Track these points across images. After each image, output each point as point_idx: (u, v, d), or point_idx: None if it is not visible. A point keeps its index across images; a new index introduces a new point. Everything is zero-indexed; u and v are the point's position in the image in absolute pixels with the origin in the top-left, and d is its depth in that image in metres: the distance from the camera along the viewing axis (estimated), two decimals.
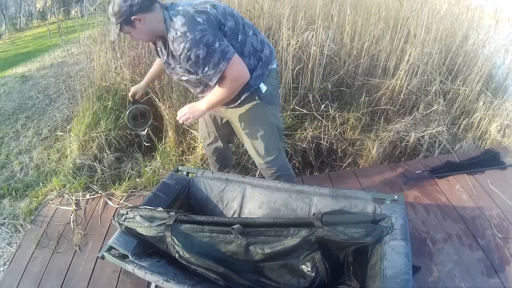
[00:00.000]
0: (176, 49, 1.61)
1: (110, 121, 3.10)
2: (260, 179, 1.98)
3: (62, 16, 7.57)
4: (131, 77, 3.13)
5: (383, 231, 1.49)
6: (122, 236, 1.73)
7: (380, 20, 3.40)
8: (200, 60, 1.60)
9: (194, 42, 1.56)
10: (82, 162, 3.05)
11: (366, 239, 1.48)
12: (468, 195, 2.56)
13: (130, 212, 1.73)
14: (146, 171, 2.92)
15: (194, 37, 1.56)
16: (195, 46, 1.57)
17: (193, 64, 1.62)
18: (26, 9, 12.35)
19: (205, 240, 1.63)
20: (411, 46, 3.21)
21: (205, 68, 1.63)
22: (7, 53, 9.31)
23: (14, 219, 2.76)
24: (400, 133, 3.01)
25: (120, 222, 1.72)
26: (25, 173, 3.45)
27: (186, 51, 1.58)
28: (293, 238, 1.54)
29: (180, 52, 1.60)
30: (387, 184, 2.69)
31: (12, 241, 2.61)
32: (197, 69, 1.64)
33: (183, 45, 1.57)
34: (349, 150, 3.02)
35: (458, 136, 3.21)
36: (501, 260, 2.07)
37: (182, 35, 1.57)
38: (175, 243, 1.65)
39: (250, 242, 1.59)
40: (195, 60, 1.60)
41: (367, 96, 3.15)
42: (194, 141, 3.05)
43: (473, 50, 3.73)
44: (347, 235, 1.49)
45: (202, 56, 1.59)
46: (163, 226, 1.65)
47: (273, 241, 1.57)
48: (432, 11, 3.60)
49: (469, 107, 3.42)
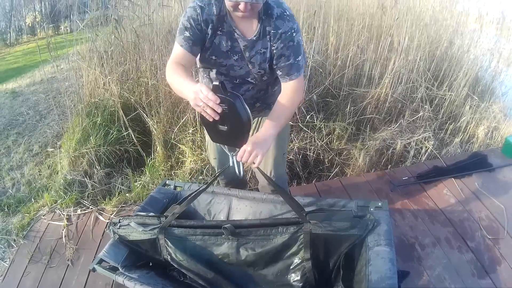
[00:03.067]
0: (278, 26, 1.52)
1: (99, 137, 3.10)
2: (246, 191, 2.00)
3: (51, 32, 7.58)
4: (119, 93, 3.15)
5: (368, 224, 1.51)
6: (112, 249, 1.75)
7: (364, 30, 3.45)
8: (298, 47, 1.56)
9: (298, 28, 1.55)
10: (72, 178, 3.06)
11: (351, 231, 1.50)
12: (456, 198, 2.57)
13: (123, 220, 1.75)
14: (136, 186, 2.94)
15: (298, 24, 1.55)
16: (299, 32, 1.55)
17: (291, 47, 1.54)
18: (16, 24, 12.34)
19: (197, 243, 1.67)
20: (395, 55, 3.25)
21: (298, 57, 1.57)
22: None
23: (7, 235, 2.76)
24: (386, 141, 3.04)
25: (114, 231, 1.74)
26: (17, 189, 3.45)
27: (292, 31, 1.52)
28: (282, 236, 1.58)
29: (284, 30, 1.52)
30: (374, 192, 2.70)
31: (5, 256, 2.60)
32: (291, 53, 1.56)
33: (290, 24, 1.52)
34: (336, 160, 3.04)
35: (445, 141, 3.23)
36: (492, 260, 2.09)
37: (291, 16, 1.53)
38: (168, 245, 1.69)
39: (240, 243, 1.63)
40: (296, 44, 1.55)
41: (352, 105, 3.19)
42: (182, 155, 3.08)
43: (458, 55, 3.79)
44: (333, 227, 1.51)
45: (301, 44, 1.57)
46: (156, 229, 1.68)
47: (263, 240, 1.61)
48: (416, 19, 3.65)
49: (456, 111, 3.46)
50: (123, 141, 3.19)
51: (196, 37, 1.55)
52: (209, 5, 1.53)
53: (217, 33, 1.57)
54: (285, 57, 1.56)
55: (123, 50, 3.33)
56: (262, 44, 1.57)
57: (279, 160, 2.01)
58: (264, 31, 1.54)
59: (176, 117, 3.08)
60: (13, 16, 12.11)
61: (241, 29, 1.56)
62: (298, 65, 1.58)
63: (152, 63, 3.10)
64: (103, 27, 3.43)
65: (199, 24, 1.53)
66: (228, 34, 1.57)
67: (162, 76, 3.07)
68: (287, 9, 1.54)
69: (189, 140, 3.01)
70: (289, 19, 1.52)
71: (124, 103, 3.22)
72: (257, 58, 1.59)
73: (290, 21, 1.52)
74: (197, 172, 2.94)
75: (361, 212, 1.60)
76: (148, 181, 2.95)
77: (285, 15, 1.52)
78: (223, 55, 1.61)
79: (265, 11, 1.52)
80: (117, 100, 3.05)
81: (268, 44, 1.56)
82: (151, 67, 3.09)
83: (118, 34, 3.08)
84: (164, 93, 3.06)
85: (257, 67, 1.62)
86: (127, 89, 3.26)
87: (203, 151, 2.99)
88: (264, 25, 1.53)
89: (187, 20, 1.53)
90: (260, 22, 1.53)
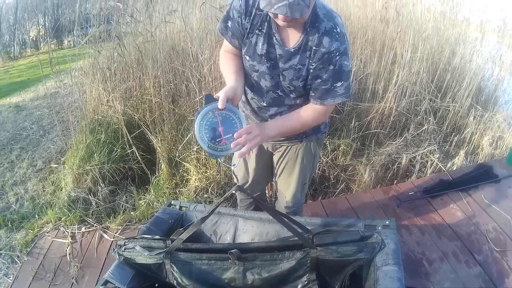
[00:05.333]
0: (323, 43, 1.33)
1: (103, 154, 3.10)
2: (252, 211, 1.98)
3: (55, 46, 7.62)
4: (122, 111, 3.15)
5: (375, 247, 1.49)
6: (118, 270, 1.74)
7: (367, 44, 3.45)
8: (341, 72, 1.37)
9: (346, 50, 1.36)
10: (77, 195, 3.06)
11: (358, 255, 1.48)
12: (463, 212, 2.58)
13: (128, 243, 1.74)
14: (141, 204, 2.93)
15: (347, 46, 1.36)
16: (346, 55, 1.36)
17: (330, 71, 1.37)
18: (20, 38, 12.41)
19: (203, 268, 1.65)
20: (398, 68, 3.25)
21: (338, 83, 1.38)
22: (1, 81, 9.35)
23: (11, 250, 2.76)
24: (391, 155, 3.04)
25: (119, 253, 1.73)
26: (20, 205, 3.44)
27: (336, 53, 1.33)
28: (289, 261, 1.56)
29: (327, 49, 1.33)
30: (380, 208, 2.70)
31: (8, 272, 2.60)
32: (329, 78, 1.38)
33: (337, 44, 1.33)
34: (341, 176, 3.03)
35: (450, 153, 3.23)
36: (500, 273, 2.09)
37: (342, 34, 1.34)
38: (173, 270, 1.67)
39: (247, 268, 1.61)
40: (337, 68, 1.36)
41: (357, 120, 3.19)
42: (187, 173, 3.06)
43: (460, 65, 3.79)
44: (340, 253, 1.49)
45: (346, 70, 1.38)
46: (162, 254, 1.66)
47: (270, 265, 1.59)
48: (418, 31, 3.65)
49: (460, 122, 3.47)
50: (127, 159, 3.19)
51: (236, 30, 1.45)
52: None
53: (255, 31, 1.42)
54: (322, 81, 1.40)
55: (126, 66, 3.33)
56: (299, 59, 1.39)
57: (299, 188, 1.93)
58: (306, 45, 1.37)
59: (181, 134, 3.08)
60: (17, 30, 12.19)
61: (282, 35, 1.40)
62: (335, 91, 1.40)
63: (156, 80, 3.10)
64: (106, 43, 3.44)
65: (240, 17, 1.41)
66: (267, 37, 1.41)
67: (166, 93, 3.08)
68: (339, 25, 1.35)
69: (194, 158, 2.99)
70: (338, 38, 1.33)
71: (128, 120, 3.21)
72: (290, 73, 1.43)
73: (338, 41, 1.33)
74: (202, 190, 2.93)
75: (369, 232, 1.57)
76: (153, 199, 2.94)
77: (335, 32, 1.33)
78: (256, 58, 1.45)
79: (312, 22, 1.34)
80: (121, 117, 3.05)
81: (307, 61, 1.39)
82: (154, 84, 3.09)
83: (121, 51, 3.08)
84: (168, 111, 3.07)
85: (287, 82, 1.46)
86: (130, 106, 3.26)
87: (208, 169, 2.98)
88: (307, 38, 1.36)
89: (231, 10, 1.43)
90: (304, 34, 1.36)
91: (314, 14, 1.34)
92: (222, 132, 1.29)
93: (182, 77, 3.13)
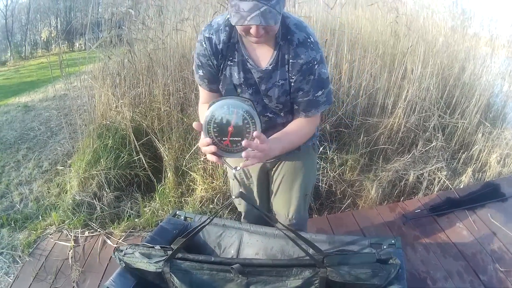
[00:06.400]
0: (299, 55, 1.31)
1: (110, 160, 3.11)
2: (257, 225, 1.97)
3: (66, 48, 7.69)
4: (131, 117, 3.16)
5: (391, 272, 1.42)
6: (119, 278, 1.73)
7: (378, 58, 3.44)
8: (320, 80, 1.36)
9: (322, 57, 1.34)
10: (81, 198, 3.06)
11: (372, 280, 1.42)
12: (469, 231, 2.56)
13: (129, 248, 1.72)
14: (145, 212, 2.93)
15: (322, 54, 1.35)
16: (323, 63, 1.35)
17: (311, 81, 1.35)
18: (31, 38, 12.55)
19: (204, 278, 1.61)
20: (409, 83, 3.24)
21: (319, 91, 1.37)
22: (11, 80, 9.45)
23: (12, 250, 2.77)
24: (399, 172, 3.02)
25: (120, 258, 1.72)
26: (24, 205, 3.45)
27: (314, 62, 1.32)
28: (296, 279, 1.51)
29: (305, 60, 1.31)
30: (386, 225, 2.68)
31: (9, 271, 2.60)
32: (310, 88, 1.36)
33: (313, 54, 1.31)
34: (348, 191, 3.01)
35: (458, 170, 3.21)
36: None
37: (315, 43, 1.32)
38: (173, 280, 1.63)
39: (251, 282, 1.56)
40: (317, 77, 1.34)
41: (365, 136, 3.17)
42: (193, 183, 3.05)
43: (470, 81, 3.78)
44: (353, 275, 1.43)
45: (324, 77, 1.37)
46: (161, 262, 1.62)
47: (275, 281, 1.54)
48: (429, 45, 3.65)
49: (468, 139, 3.45)
50: (133, 165, 3.19)
51: (210, 74, 1.42)
52: (217, 32, 1.35)
53: (227, 64, 1.39)
54: (304, 92, 1.37)
55: (136, 73, 3.34)
56: (280, 75, 1.36)
57: (301, 202, 1.85)
58: (283, 60, 1.34)
59: (188, 144, 3.08)
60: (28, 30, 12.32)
61: (254, 58, 1.37)
62: (317, 101, 1.38)
63: (165, 88, 3.10)
64: (116, 49, 3.46)
65: (209, 60, 1.38)
66: (240, 65, 1.38)
67: (175, 101, 3.09)
68: (312, 35, 1.33)
69: (201, 168, 2.98)
70: (313, 47, 1.31)
71: (136, 127, 3.22)
72: (275, 92, 1.40)
73: (314, 50, 1.31)
74: (208, 200, 2.92)
75: (384, 256, 1.51)
76: (158, 208, 2.94)
77: (309, 42, 1.31)
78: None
79: (284, 35, 1.32)
80: (129, 124, 3.06)
81: (287, 74, 1.36)
82: (164, 91, 3.10)
83: (132, 58, 3.10)
84: (176, 119, 3.07)
85: (274, 101, 1.42)
86: (139, 113, 3.27)
87: (214, 179, 2.97)
88: (282, 52, 1.33)
89: (197, 57, 1.41)
90: (277, 49, 1.33)
91: (284, 26, 1.32)
92: (230, 132, 1.17)
93: (192, 86, 3.13)
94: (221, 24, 1.36)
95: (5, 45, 12.95)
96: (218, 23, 1.37)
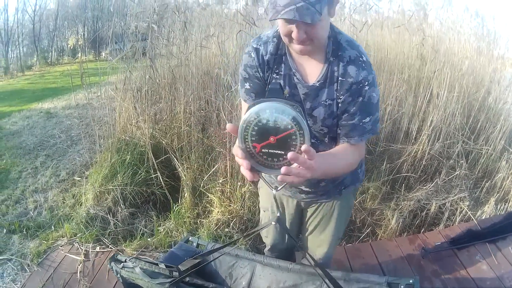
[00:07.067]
0: (349, 73, 1.22)
1: (127, 175, 3.08)
2: (271, 258, 1.91)
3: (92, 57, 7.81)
4: (151, 134, 3.14)
5: None
6: None
7: (403, 82, 3.36)
8: (369, 105, 1.24)
9: (374, 80, 1.24)
10: (96, 212, 3.03)
11: None
12: (489, 265, 2.47)
13: (129, 261, 1.64)
14: (159, 231, 2.88)
15: (375, 76, 1.25)
16: (374, 86, 1.24)
17: (359, 104, 1.23)
18: (58, 44, 12.86)
19: None
20: (434, 108, 3.15)
21: (366, 117, 1.25)
22: (36, 85, 9.66)
23: (22, 258, 2.75)
24: (421, 201, 2.92)
25: (116, 270, 1.64)
26: (38, 213, 3.45)
27: (364, 83, 1.21)
28: None
29: (355, 79, 1.21)
30: (405, 258, 2.59)
31: (16, 278, 2.58)
32: (357, 111, 1.24)
33: (365, 74, 1.21)
34: (368, 220, 2.93)
35: (481, 199, 3.10)
36: None
37: (368, 63, 1.23)
38: None
39: None
40: (366, 100, 1.23)
41: (388, 163, 3.09)
42: (210, 204, 3.00)
43: (495, 106, 3.68)
44: None
45: (374, 101, 1.25)
46: (166, 285, 1.54)
47: None
48: (454, 69, 3.55)
49: (492, 167, 3.34)
50: (150, 183, 3.16)
51: (257, 87, 1.34)
52: (265, 44, 1.31)
53: (273, 76, 1.31)
54: (349, 115, 1.26)
55: (158, 88, 3.33)
56: (327, 94, 1.27)
57: (333, 245, 1.76)
58: (332, 77, 1.25)
59: (207, 164, 3.03)
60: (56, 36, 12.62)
61: (302, 72, 1.29)
62: (363, 128, 1.25)
63: (187, 106, 3.07)
64: (139, 62, 3.44)
65: (257, 71, 1.32)
66: (287, 78, 1.30)
67: (196, 120, 3.06)
68: (364, 54, 1.25)
69: (218, 190, 2.93)
70: (365, 67, 1.22)
71: (155, 144, 3.20)
72: (320, 112, 1.29)
73: (365, 70, 1.21)
74: (224, 224, 2.85)
75: None
76: (172, 228, 2.89)
77: (361, 60, 1.22)
78: None
79: (335, 52, 1.24)
80: (148, 141, 3.03)
81: (335, 94, 1.26)
82: (185, 109, 3.07)
83: (153, 75, 3.08)
84: (197, 139, 3.04)
85: (319, 123, 1.31)
86: (159, 130, 3.24)
87: (232, 202, 2.91)
88: (332, 69, 1.24)
89: (244, 70, 1.34)
90: (327, 65, 1.25)
91: (335, 42, 1.25)
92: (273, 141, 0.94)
93: (214, 106, 3.10)
94: (270, 37, 1.32)
95: (32, 50, 13.30)
96: (267, 36, 1.33)
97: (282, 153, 0.95)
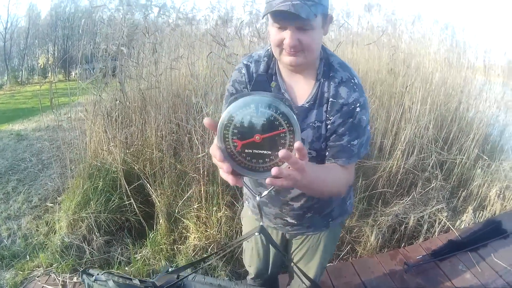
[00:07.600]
0: (341, 94, 1.21)
1: (100, 202, 3.01)
2: (254, 286, 1.89)
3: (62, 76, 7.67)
4: (122, 159, 3.08)
5: None
6: None
7: (376, 98, 3.40)
8: (359, 127, 1.23)
9: (366, 103, 1.24)
10: (70, 241, 2.95)
11: None
12: (472, 273, 2.51)
13: (101, 275, 1.54)
14: (136, 260, 2.82)
15: (366, 99, 1.25)
16: (365, 109, 1.23)
17: (349, 125, 1.22)
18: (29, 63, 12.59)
19: None
20: (407, 123, 3.20)
21: (355, 140, 1.23)
22: (6, 105, 9.43)
23: None
24: (399, 216, 2.95)
25: (89, 284, 1.55)
26: (12, 241, 3.34)
27: (356, 104, 1.20)
28: None
29: (345, 100, 1.21)
30: (388, 275, 2.59)
31: None
32: (345, 132, 1.23)
33: (356, 95, 1.20)
34: (347, 238, 2.93)
35: (458, 209, 3.16)
36: None
37: (359, 86, 1.23)
38: None
39: None
40: (356, 122, 1.22)
41: (363, 179, 3.11)
42: (186, 230, 2.96)
43: (467, 116, 3.76)
44: None
45: (363, 124, 1.24)
46: None
47: None
48: (425, 82, 3.62)
49: (467, 175, 3.41)
50: (124, 210, 3.09)
51: None
52: (257, 62, 1.31)
53: None
54: (337, 135, 1.24)
55: (129, 111, 3.28)
56: (316, 115, 1.25)
57: (319, 273, 1.73)
58: (322, 98, 1.24)
59: (181, 190, 2.98)
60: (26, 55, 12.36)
61: (292, 93, 1.28)
62: (351, 150, 1.23)
63: (158, 130, 3.04)
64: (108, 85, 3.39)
65: (245, 87, 1.32)
66: None
67: (167, 145, 3.02)
68: (356, 76, 1.25)
69: (194, 215, 2.89)
70: (356, 89, 1.21)
71: (127, 170, 3.14)
72: (309, 134, 1.26)
73: (357, 92, 1.21)
74: (202, 249, 2.81)
75: None
76: (149, 256, 2.83)
77: (352, 82, 1.22)
78: None
79: (326, 73, 1.24)
80: (120, 167, 2.98)
81: (324, 115, 1.25)
82: (156, 133, 3.03)
83: (123, 98, 3.03)
84: (169, 164, 2.99)
85: (307, 146, 1.27)
86: (131, 155, 3.19)
87: (208, 227, 2.87)
88: (322, 91, 1.24)
89: (232, 85, 1.35)
90: (317, 86, 1.24)
91: (327, 64, 1.25)
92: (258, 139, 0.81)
93: (185, 129, 3.06)
94: (261, 56, 1.33)
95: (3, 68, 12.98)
96: (259, 55, 1.34)
97: (269, 153, 0.82)
